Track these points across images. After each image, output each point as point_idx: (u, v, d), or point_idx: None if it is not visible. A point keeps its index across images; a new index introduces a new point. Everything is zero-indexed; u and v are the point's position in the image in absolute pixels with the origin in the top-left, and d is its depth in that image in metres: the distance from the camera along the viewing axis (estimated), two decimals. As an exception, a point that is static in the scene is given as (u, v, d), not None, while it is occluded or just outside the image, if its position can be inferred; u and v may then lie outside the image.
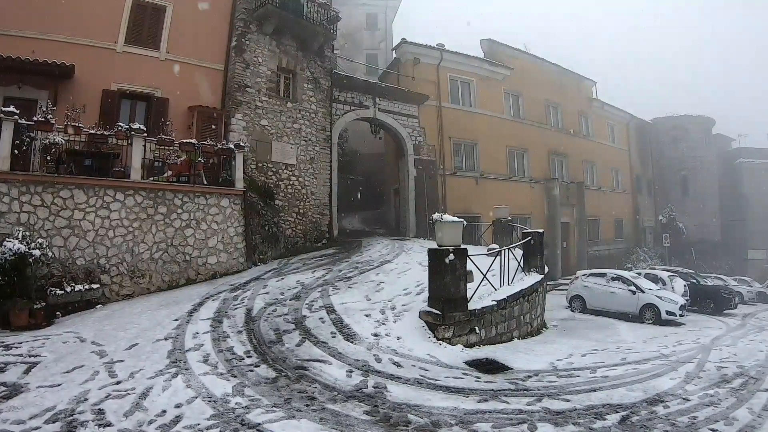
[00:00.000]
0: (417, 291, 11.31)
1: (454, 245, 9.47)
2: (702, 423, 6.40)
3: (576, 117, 30.77)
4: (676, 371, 9.16)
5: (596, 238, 31.26)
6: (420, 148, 21.23)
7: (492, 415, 5.90)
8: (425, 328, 9.29)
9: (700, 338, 13.53)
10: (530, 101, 27.06)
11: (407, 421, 5.44)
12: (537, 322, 12.67)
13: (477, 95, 24.20)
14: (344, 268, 13.41)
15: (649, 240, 36.97)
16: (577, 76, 31.02)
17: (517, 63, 26.32)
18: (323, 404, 5.70)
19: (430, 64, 22.51)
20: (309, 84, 17.33)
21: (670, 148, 39.46)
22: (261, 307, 9.70)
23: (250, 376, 6.45)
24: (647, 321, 16.16)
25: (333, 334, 8.54)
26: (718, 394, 7.81)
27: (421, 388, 6.66)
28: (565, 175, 28.97)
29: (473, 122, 23.65)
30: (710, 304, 20.52)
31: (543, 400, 6.69)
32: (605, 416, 6.29)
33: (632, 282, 17.20)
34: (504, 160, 25.06)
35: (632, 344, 12.13)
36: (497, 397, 6.61)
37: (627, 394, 7.42)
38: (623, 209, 34.83)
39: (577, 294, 18.03)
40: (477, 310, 9.81)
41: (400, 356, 8.01)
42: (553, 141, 28.38)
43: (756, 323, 17.97)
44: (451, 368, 7.89)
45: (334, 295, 10.80)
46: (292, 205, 16.13)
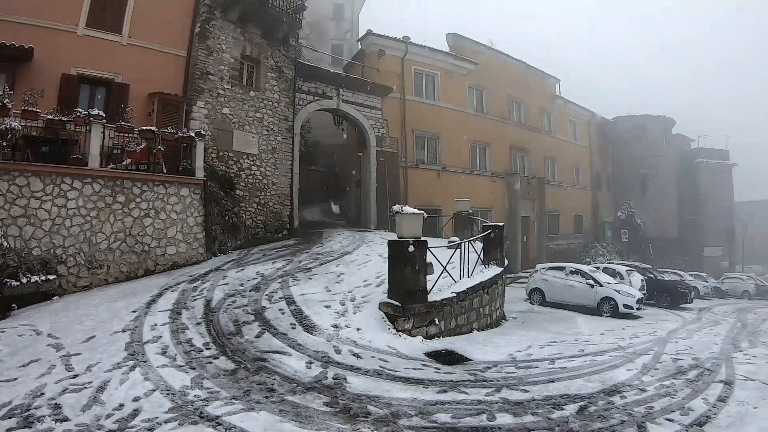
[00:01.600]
0: (377, 282, 11.52)
1: (414, 237, 9.72)
2: (658, 413, 6.69)
3: (539, 113, 31.85)
4: (632, 363, 9.58)
5: (556, 232, 32.50)
6: (382, 140, 21.67)
7: (451, 405, 6.10)
8: (385, 319, 9.50)
9: (657, 331, 14.10)
10: (494, 96, 27.85)
11: (367, 413, 5.56)
12: (496, 314, 13.07)
13: (441, 89, 24.78)
14: (305, 259, 13.56)
15: (607, 235, 38.48)
16: (541, 73, 32.03)
17: (482, 58, 27.05)
18: (283, 396, 5.79)
19: (395, 57, 22.95)
20: (272, 73, 17.47)
21: (630, 146, 41.06)
22: (220, 298, 9.77)
23: (209, 368, 6.52)
24: (605, 314, 16.83)
25: (293, 326, 8.66)
26: (674, 385, 8.21)
27: (380, 380, 6.82)
28: (527, 170, 29.97)
29: (437, 115, 24.23)
30: (667, 299, 21.47)
31: (502, 390, 6.94)
32: (563, 406, 6.55)
33: (591, 276, 17.86)
34: (466, 153, 25.79)
35: (590, 336, 12.58)
36: (456, 388, 6.82)
37: (585, 384, 7.74)
38: (583, 205, 36.28)
39: (537, 287, 18.65)
40: (437, 301, 10.06)
41: (360, 347, 8.18)
42: (516, 136, 29.30)
43: (711, 317, 18.80)
44: (410, 359, 8.09)
45: (294, 286, 10.91)
46: (252, 196, 16.26)
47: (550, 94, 33.36)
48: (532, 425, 5.74)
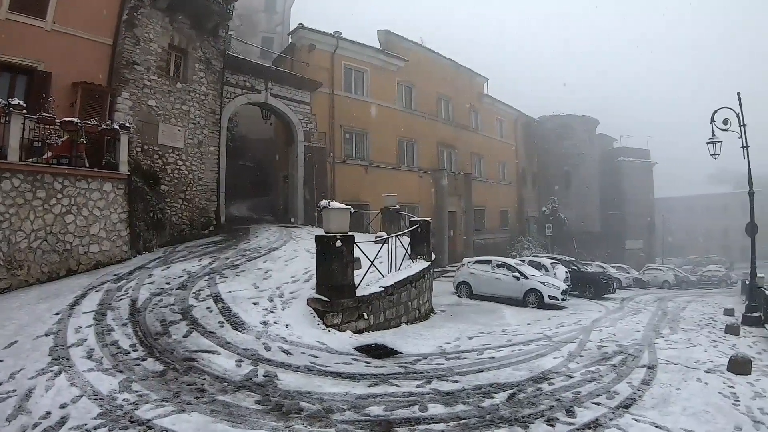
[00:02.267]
0: (305, 278, 11.72)
1: (342, 232, 10.01)
2: (585, 397, 7.08)
3: (467, 111, 33.31)
4: (559, 351, 10.10)
5: (482, 227, 34.18)
6: (310, 135, 22.17)
7: (383, 398, 6.33)
8: (314, 315, 9.72)
9: (581, 320, 14.87)
10: (423, 93, 28.94)
11: (299, 409, 5.68)
12: (425, 308, 13.66)
13: (370, 85, 25.52)
14: (232, 256, 13.58)
15: (532, 230, 40.77)
16: (470, 71, 33.45)
17: (412, 55, 28.01)
18: (214, 396, 5.85)
19: (325, 51, 23.45)
20: (201, 65, 17.43)
21: (555, 144, 43.58)
22: (146, 297, 9.67)
23: (137, 370, 6.49)
24: (531, 305, 17.79)
25: (221, 324, 8.69)
26: (600, 370, 8.70)
27: (311, 375, 6.98)
28: (454, 166, 31.32)
29: (365, 111, 24.97)
30: (591, 289, 23.05)
31: (432, 382, 7.25)
32: (493, 395, 6.87)
33: (516, 269, 18.88)
34: (394, 149, 26.71)
35: (517, 327, 13.17)
36: (388, 381, 7.09)
37: (513, 373, 8.13)
38: (509, 200, 38.26)
39: (464, 280, 19.49)
40: (365, 296, 10.44)
41: (290, 344, 8.32)
42: (443, 133, 30.59)
43: (633, 306, 20.12)
44: (341, 354, 8.32)
45: (221, 283, 10.92)
46: (178, 191, 16.24)
47: (479, 92, 34.91)
48: (463, 414, 6.02)
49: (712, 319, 16.97)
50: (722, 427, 6.44)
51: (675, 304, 21.78)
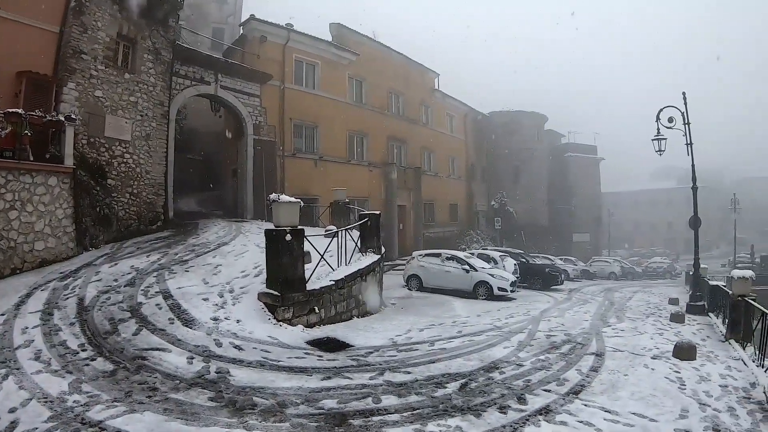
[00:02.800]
0: (255, 273, 11.86)
1: (291, 226, 10.13)
2: (536, 385, 7.39)
3: (417, 106, 34.16)
4: (509, 341, 10.49)
5: (432, 220, 35.14)
6: (260, 128, 22.35)
7: (337, 391, 6.47)
8: (265, 309, 9.83)
9: (530, 311, 15.46)
10: (374, 87, 29.53)
11: (253, 404, 5.74)
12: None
13: (321, 78, 25.84)
14: (180, 252, 13.62)
15: (482, 223, 42.08)
16: (421, 67, 34.26)
17: (364, 49, 28.51)
18: (166, 394, 5.84)
19: (276, 44, 23.60)
20: (149, 55, 17.19)
21: (504, 139, 45.07)
22: (94, 295, 9.58)
23: (86, 370, 6.42)
24: (481, 297, 18.43)
25: (171, 321, 8.70)
26: (549, 359, 9.07)
27: (264, 370, 7.06)
28: (404, 160, 32.14)
29: (316, 105, 25.24)
30: (539, 281, 24.31)
31: (385, 373, 7.43)
32: (445, 385, 7.11)
33: (466, 261, 19.58)
34: (344, 143, 27.20)
35: (467, 318, 13.59)
36: (340, 374, 7.23)
37: (464, 363, 8.41)
38: (458, 194, 39.48)
39: (414, 273, 20.03)
40: (315, 290, 10.60)
41: (241, 339, 8.42)
42: (394, 127, 31.29)
43: (580, 297, 21.08)
44: (292, 349, 8.45)
45: (170, 279, 10.93)
46: (125, 185, 16.09)
47: (430, 87, 35.80)
48: (416, 404, 6.19)
49: (658, 308, 17.93)
50: (670, 409, 6.81)
51: (621, 295, 22.94)
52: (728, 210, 49.36)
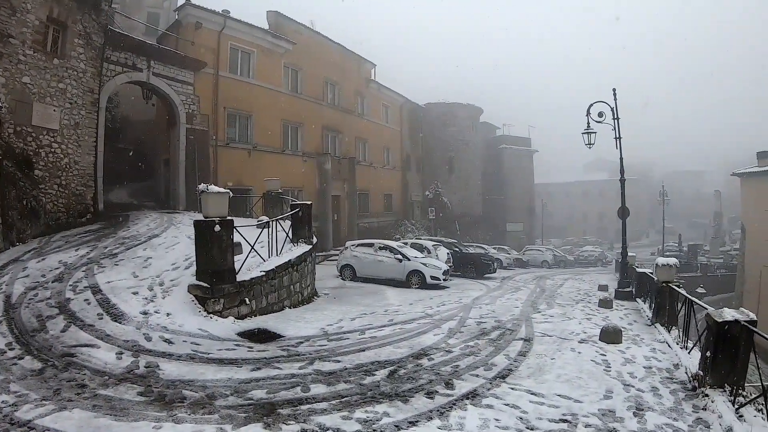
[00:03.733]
0: (186, 265, 11.81)
1: (221, 216, 10.20)
2: (464, 370, 7.71)
3: (353, 96, 35.15)
4: (439, 328, 10.90)
5: (367, 211, 36.35)
6: (193, 117, 22.45)
7: (266, 381, 6.60)
8: (195, 302, 9.87)
9: (462, 299, 16.09)
10: (310, 77, 30.14)
11: (182, 397, 5.80)
12: (308, 291, 14.40)
13: (257, 66, 26.15)
14: (110, 245, 13.46)
15: (417, 213, 43.67)
16: (358, 57, 35.26)
17: (301, 38, 29.09)
18: (95, 391, 5.84)
19: (212, 30, 23.75)
20: (80, 39, 16.77)
21: (440, 130, 46.88)
22: (21, 292, 9.42)
23: (14, 369, 6.38)
24: (414, 286, 19.28)
25: (100, 316, 8.64)
26: (478, 345, 9.44)
27: (194, 363, 7.15)
28: (339, 150, 33.08)
29: (250, 93, 25.56)
30: (472, 270, 25.69)
31: (315, 363, 7.65)
32: (374, 372, 7.35)
33: (399, 251, 20.41)
34: (278, 133, 27.67)
35: (399, 307, 14.02)
36: (270, 365, 7.39)
37: (394, 351, 8.71)
38: (393, 184, 40.84)
39: (347, 263, 20.66)
40: (246, 281, 10.74)
41: (171, 333, 8.47)
42: (329, 117, 32.12)
43: (513, 285, 22.14)
44: (223, 341, 8.61)
45: (99, 273, 10.81)
46: (53, 176, 15.74)
47: (366, 78, 36.91)
48: (345, 392, 6.39)
49: (587, 294, 19.11)
50: (594, 390, 7.16)
51: (553, 282, 24.37)
52: (658, 201, 52.86)
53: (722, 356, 6.66)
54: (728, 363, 6.64)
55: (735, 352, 6.57)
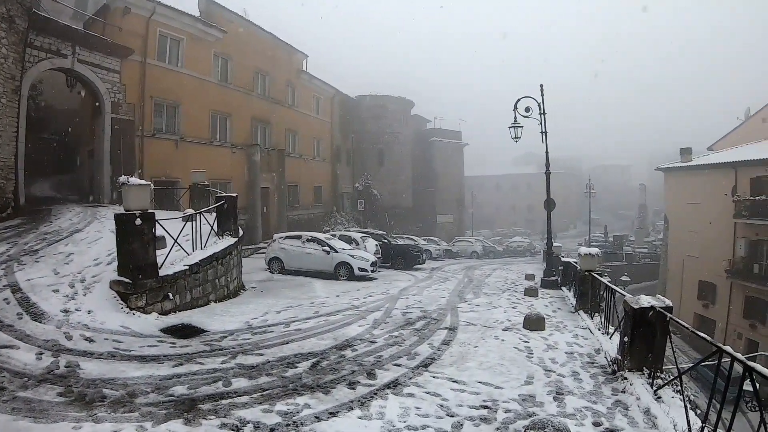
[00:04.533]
0: (108, 260, 11.76)
1: (142, 209, 10.14)
2: (387, 360, 8.06)
3: (284, 87, 35.64)
4: (364, 319, 11.35)
5: (296, 203, 37.09)
6: (119, 107, 22.06)
7: (187, 377, 6.72)
8: (117, 298, 9.86)
9: (390, 290, 16.78)
10: (240, 67, 30.38)
11: (103, 397, 5.84)
12: (234, 285, 14.62)
13: (186, 55, 26.06)
14: (31, 241, 13.23)
15: (346, 205, 44.90)
16: (290, 47, 35.75)
17: (232, 27, 29.24)
18: (14, 393, 5.80)
19: (141, 16, 23.48)
20: (2, 23, 16.13)
21: (370, 123, 48.14)
22: None
23: None
24: (342, 278, 19.99)
25: (19, 315, 8.55)
26: (403, 335, 9.90)
27: (115, 361, 7.18)
28: (268, 142, 33.51)
29: (179, 82, 25.51)
30: (401, 261, 26.74)
31: (237, 357, 7.82)
32: (297, 365, 7.60)
33: (326, 243, 21.01)
34: (207, 123, 27.75)
35: (326, 299, 14.47)
36: (192, 360, 7.53)
37: (318, 343, 9.02)
38: (323, 176, 41.65)
39: (275, 256, 21.16)
40: (169, 275, 10.78)
41: (93, 331, 8.46)
42: (259, 108, 32.51)
43: (441, 275, 23.22)
44: (145, 337, 8.67)
45: (19, 271, 10.65)
46: None
47: (297, 68, 37.44)
48: (267, 385, 6.58)
49: (514, 284, 20.18)
50: (516, 377, 7.59)
51: (481, 272, 25.62)
52: (585, 194, 56.11)
53: (640, 341, 7.14)
54: (646, 347, 7.11)
55: (652, 337, 7.02)
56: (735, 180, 30.19)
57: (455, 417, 6.01)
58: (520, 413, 6.17)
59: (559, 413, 6.20)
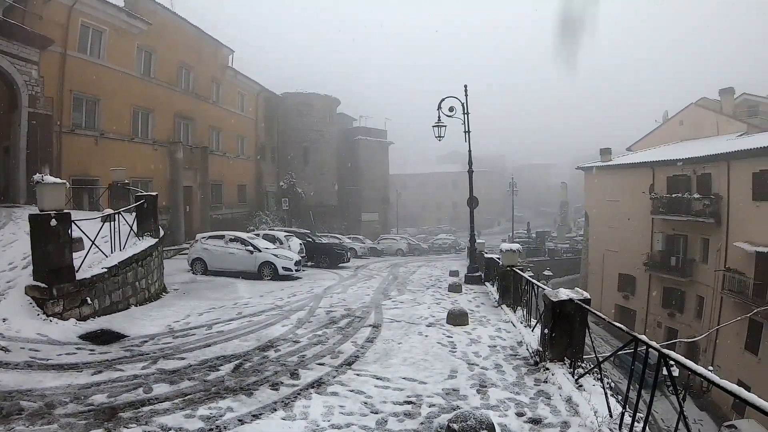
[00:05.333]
0: (24, 264, 11.32)
1: (57, 209, 9.85)
2: (310, 359, 8.15)
3: (209, 82, 35.71)
4: (288, 319, 11.42)
5: (220, 202, 37.17)
6: (36, 100, 21.41)
7: (107, 385, 6.60)
8: (33, 304, 9.51)
9: (314, 289, 16.97)
10: (164, 61, 30.20)
11: (20, 409, 5.66)
12: (155, 287, 14.42)
13: (108, 47, 25.60)
14: None
15: (271, 204, 44.98)
16: (216, 42, 35.84)
17: (157, 19, 28.96)
18: None
19: (63, 4, 23.00)
20: None
21: (295, 120, 48.80)
22: None
23: None
24: (266, 277, 20.07)
25: None
26: (326, 333, 10.01)
27: (32, 371, 6.99)
28: (191, 139, 33.44)
29: (100, 76, 25.13)
30: (326, 259, 27.31)
31: (158, 362, 7.75)
32: (219, 367, 7.59)
33: (250, 242, 21.15)
34: (128, 119, 27.45)
35: (249, 299, 14.48)
36: (112, 367, 7.41)
37: (240, 344, 9.05)
38: (247, 175, 41.87)
39: (198, 257, 21.01)
40: (87, 279, 10.45)
41: (8, 340, 8.23)
42: (182, 104, 32.36)
43: (366, 273, 23.68)
44: (64, 345, 8.48)
45: None
46: None
47: (222, 64, 37.56)
48: (188, 390, 6.53)
49: (438, 280, 20.74)
50: (440, 371, 7.75)
51: (406, 269, 26.32)
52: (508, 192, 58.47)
53: (560, 332, 7.40)
54: (566, 338, 7.37)
55: (572, 328, 7.29)
56: (653, 178, 32.90)
57: (380, 414, 6.14)
58: (444, 407, 6.34)
59: (483, 405, 6.42)
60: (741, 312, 23.04)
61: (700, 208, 27.78)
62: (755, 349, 23.18)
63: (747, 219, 24.62)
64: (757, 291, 22.98)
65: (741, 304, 23.67)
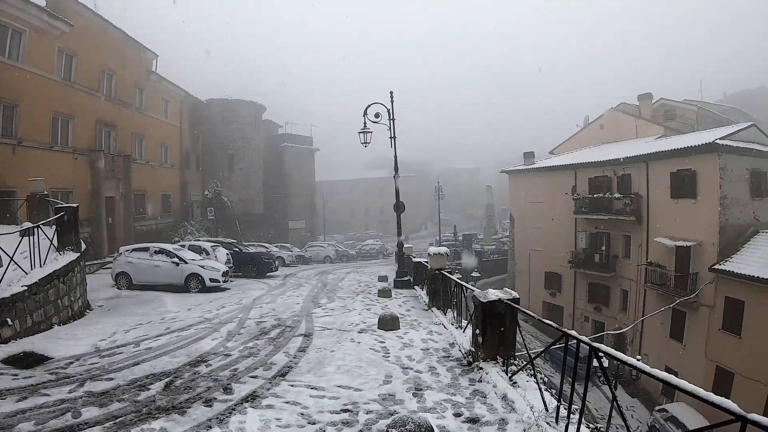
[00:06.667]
0: None
1: None
2: (243, 373, 8.26)
3: (132, 88, 35.23)
4: (218, 332, 11.67)
5: (144, 213, 36.75)
6: None
7: (33, 411, 6.50)
8: None
9: (243, 300, 17.30)
10: (86, 64, 29.49)
11: None
12: (79, 304, 14.33)
13: (27, 48, 24.70)
14: None
15: (196, 213, 45.05)
16: (140, 46, 35.47)
17: (80, 20, 28.34)
18: None
19: None
20: None
21: (221, 127, 49.00)
22: None
23: None
24: (193, 290, 20.32)
25: None
26: (258, 345, 10.23)
27: None
28: (113, 147, 32.76)
29: (17, 79, 23.95)
30: (254, 269, 27.70)
31: (86, 384, 7.70)
32: (149, 386, 7.58)
33: (175, 254, 21.20)
34: (48, 126, 26.45)
35: (177, 313, 14.71)
36: (38, 392, 7.33)
37: (170, 361, 9.10)
38: (171, 184, 41.53)
39: (123, 270, 20.91)
40: (6, 298, 10.29)
41: None
42: (104, 110, 31.72)
43: (295, 282, 24.33)
44: None
45: None
46: None
47: (147, 69, 37.16)
48: (119, 412, 6.51)
49: (368, 286, 21.51)
50: (374, 377, 7.98)
51: (335, 276, 27.01)
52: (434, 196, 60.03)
53: (491, 332, 7.75)
54: (497, 337, 7.72)
55: (502, 327, 7.63)
56: (575, 180, 35.26)
57: (317, 424, 6.27)
58: (382, 413, 6.56)
59: (420, 408, 6.67)
60: (664, 303, 25.70)
61: (621, 207, 30.00)
62: (680, 337, 25.44)
63: (666, 216, 26.91)
64: (678, 282, 25.09)
65: (663, 295, 26.00)
